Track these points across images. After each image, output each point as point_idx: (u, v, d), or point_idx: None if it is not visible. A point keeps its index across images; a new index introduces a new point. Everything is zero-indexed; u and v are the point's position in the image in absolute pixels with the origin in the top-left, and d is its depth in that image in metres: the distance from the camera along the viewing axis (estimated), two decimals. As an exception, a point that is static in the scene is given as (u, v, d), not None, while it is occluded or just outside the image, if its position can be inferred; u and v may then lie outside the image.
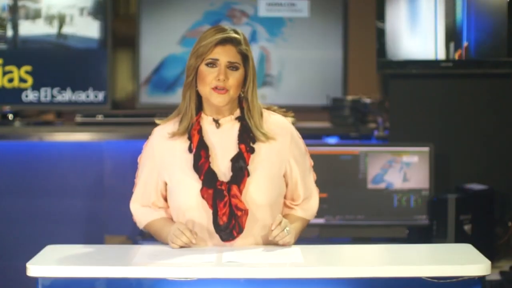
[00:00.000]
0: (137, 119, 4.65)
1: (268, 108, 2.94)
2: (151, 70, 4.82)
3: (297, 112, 3.04)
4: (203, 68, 2.82)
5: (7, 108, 4.71)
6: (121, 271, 2.49)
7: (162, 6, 4.82)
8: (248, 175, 2.79)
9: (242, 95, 2.86)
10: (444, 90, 4.42)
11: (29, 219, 4.84)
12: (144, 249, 2.73)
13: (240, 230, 2.78)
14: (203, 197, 2.79)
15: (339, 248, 2.95)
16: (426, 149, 4.24)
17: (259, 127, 2.85)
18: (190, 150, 2.84)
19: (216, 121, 2.87)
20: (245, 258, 2.61)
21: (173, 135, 2.86)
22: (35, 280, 2.51)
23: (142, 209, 2.94)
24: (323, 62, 4.84)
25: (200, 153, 2.82)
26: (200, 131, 2.85)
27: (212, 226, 2.78)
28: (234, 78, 2.82)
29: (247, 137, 2.84)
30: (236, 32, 2.85)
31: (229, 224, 2.77)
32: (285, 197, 2.93)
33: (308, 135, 3.10)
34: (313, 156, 3.00)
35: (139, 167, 2.96)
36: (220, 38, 2.81)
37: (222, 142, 2.85)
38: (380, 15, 4.38)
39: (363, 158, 4.23)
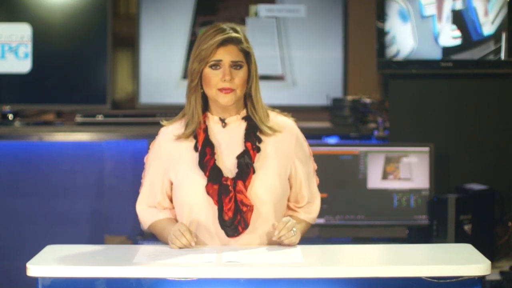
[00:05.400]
0: (137, 119, 4.65)
1: (272, 111, 2.95)
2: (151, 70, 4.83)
3: (297, 112, 3.05)
4: (207, 70, 2.83)
5: (7, 108, 4.71)
6: (121, 271, 2.49)
7: (162, 6, 4.82)
8: (254, 172, 2.80)
9: (247, 91, 2.87)
10: (444, 90, 4.42)
11: (29, 219, 4.84)
12: (144, 249, 2.73)
13: (246, 226, 2.78)
14: (208, 193, 2.79)
15: (339, 248, 2.96)
16: (426, 149, 4.24)
17: (264, 122, 2.86)
18: (196, 148, 2.85)
19: (222, 120, 2.88)
20: (245, 258, 2.61)
21: (179, 137, 2.87)
22: (35, 280, 2.51)
23: (148, 210, 2.94)
24: (323, 62, 4.84)
25: (206, 151, 2.83)
26: (206, 130, 2.86)
27: (217, 223, 2.78)
28: (239, 76, 2.83)
29: (254, 136, 2.85)
30: (235, 30, 2.85)
31: (234, 220, 2.77)
32: (288, 200, 2.94)
33: (308, 135, 3.10)
34: (313, 156, 3.00)
35: (145, 167, 2.96)
36: (221, 39, 2.81)
37: (228, 140, 2.86)
38: (380, 15, 4.38)
39: (363, 158, 4.23)
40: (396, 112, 4.45)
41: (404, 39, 4.36)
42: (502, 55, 4.31)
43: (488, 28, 4.31)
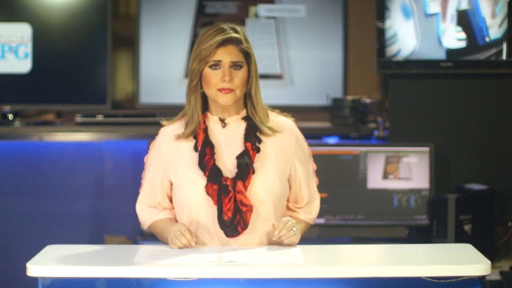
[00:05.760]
0: (137, 119, 4.65)
1: (271, 111, 2.95)
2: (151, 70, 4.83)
3: (297, 112, 3.05)
4: (207, 70, 2.83)
5: (7, 108, 4.71)
6: (121, 271, 2.49)
7: (162, 6, 4.82)
8: (253, 172, 2.80)
9: (247, 91, 2.87)
10: (444, 90, 4.42)
11: (29, 219, 4.84)
12: (144, 249, 2.73)
13: (245, 226, 2.78)
14: (207, 193, 2.79)
15: (339, 248, 2.96)
16: (426, 149, 4.24)
17: (264, 122, 2.86)
18: (195, 148, 2.85)
19: (222, 121, 2.88)
20: (245, 258, 2.61)
21: (179, 137, 2.87)
22: (35, 280, 2.51)
23: (148, 210, 2.94)
24: (323, 62, 4.84)
25: (205, 151, 2.83)
26: (205, 130, 2.86)
27: (216, 223, 2.79)
28: (239, 77, 2.83)
29: (253, 136, 2.85)
30: (235, 31, 2.85)
31: (233, 220, 2.77)
32: (288, 200, 2.94)
33: (308, 135, 3.10)
34: (313, 156, 3.00)
35: (145, 167, 2.96)
36: (221, 40, 2.81)
37: (228, 140, 2.86)
38: (380, 15, 4.38)
39: (363, 158, 4.23)
40: (396, 112, 4.45)
41: (406, 37, 4.35)
42: (504, 56, 4.30)
43: (495, 31, 4.29)
